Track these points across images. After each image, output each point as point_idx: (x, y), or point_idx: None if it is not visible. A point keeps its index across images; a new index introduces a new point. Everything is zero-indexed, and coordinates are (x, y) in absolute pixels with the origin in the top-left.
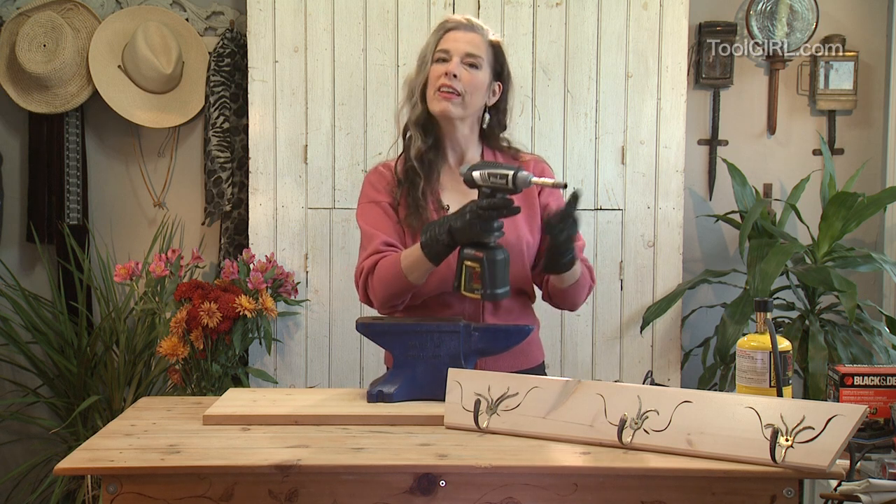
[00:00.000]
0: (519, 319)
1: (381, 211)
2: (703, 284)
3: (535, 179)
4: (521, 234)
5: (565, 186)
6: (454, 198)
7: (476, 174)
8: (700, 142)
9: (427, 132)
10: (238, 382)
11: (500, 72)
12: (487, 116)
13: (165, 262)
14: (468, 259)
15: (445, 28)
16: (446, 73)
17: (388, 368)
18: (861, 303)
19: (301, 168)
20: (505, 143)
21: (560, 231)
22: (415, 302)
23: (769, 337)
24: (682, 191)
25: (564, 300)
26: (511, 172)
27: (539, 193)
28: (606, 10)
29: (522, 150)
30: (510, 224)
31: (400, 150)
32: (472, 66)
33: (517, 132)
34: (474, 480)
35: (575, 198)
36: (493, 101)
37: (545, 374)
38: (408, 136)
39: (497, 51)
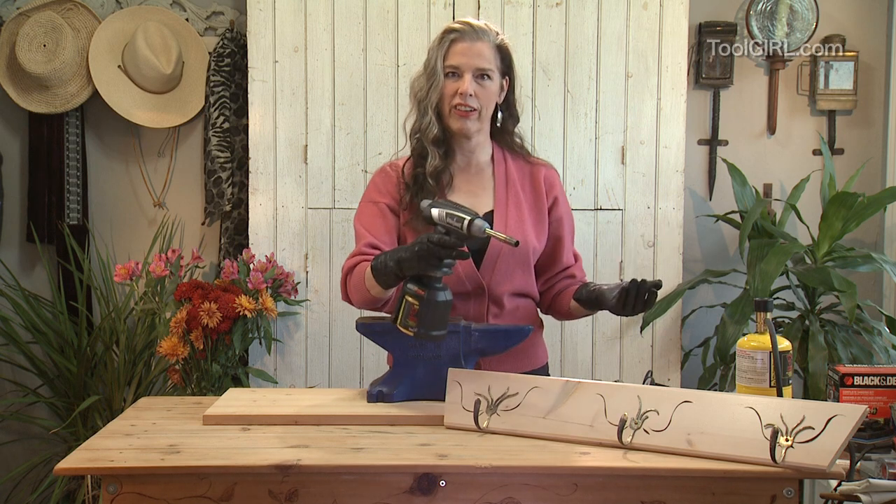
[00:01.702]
0: (523, 321)
1: (378, 211)
2: (703, 284)
3: (489, 231)
4: (528, 239)
5: (517, 244)
6: (461, 198)
7: (434, 212)
8: (700, 142)
9: (441, 146)
10: (238, 382)
11: (507, 68)
12: (500, 115)
13: (165, 262)
14: (409, 294)
15: (450, 39)
16: (461, 93)
17: (390, 368)
18: (861, 303)
19: (301, 168)
20: (518, 140)
21: (631, 310)
22: None
23: (769, 337)
24: (682, 191)
25: (563, 317)
26: (468, 219)
27: (550, 208)
28: (606, 10)
29: (533, 155)
30: (519, 228)
31: (402, 154)
32: (485, 77)
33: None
34: (474, 480)
35: (657, 287)
36: (502, 98)
37: (549, 376)
38: (417, 145)
39: (503, 52)
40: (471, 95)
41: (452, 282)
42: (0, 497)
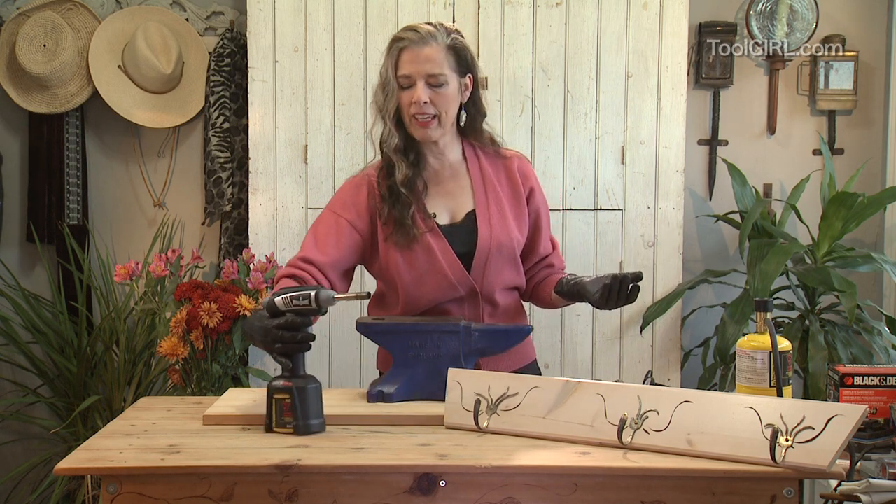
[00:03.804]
0: (516, 318)
1: (334, 224)
2: (703, 284)
3: (337, 297)
4: (511, 234)
5: (368, 296)
6: (439, 202)
7: (278, 300)
8: (700, 142)
9: (408, 153)
10: (238, 382)
11: (467, 66)
12: (464, 114)
13: (165, 262)
14: (277, 392)
15: (398, 48)
16: (414, 102)
17: (381, 372)
18: (861, 303)
19: (301, 168)
20: (487, 134)
21: (614, 304)
22: (412, 311)
23: (769, 337)
24: (682, 191)
25: (545, 306)
26: (313, 293)
27: (528, 199)
28: (606, 10)
29: (504, 146)
30: (502, 224)
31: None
32: (438, 85)
33: (517, 132)
34: (474, 480)
35: (638, 279)
36: (466, 96)
37: (539, 372)
38: (387, 157)
39: (458, 51)
40: (425, 103)
41: (445, 289)
42: (0, 497)
